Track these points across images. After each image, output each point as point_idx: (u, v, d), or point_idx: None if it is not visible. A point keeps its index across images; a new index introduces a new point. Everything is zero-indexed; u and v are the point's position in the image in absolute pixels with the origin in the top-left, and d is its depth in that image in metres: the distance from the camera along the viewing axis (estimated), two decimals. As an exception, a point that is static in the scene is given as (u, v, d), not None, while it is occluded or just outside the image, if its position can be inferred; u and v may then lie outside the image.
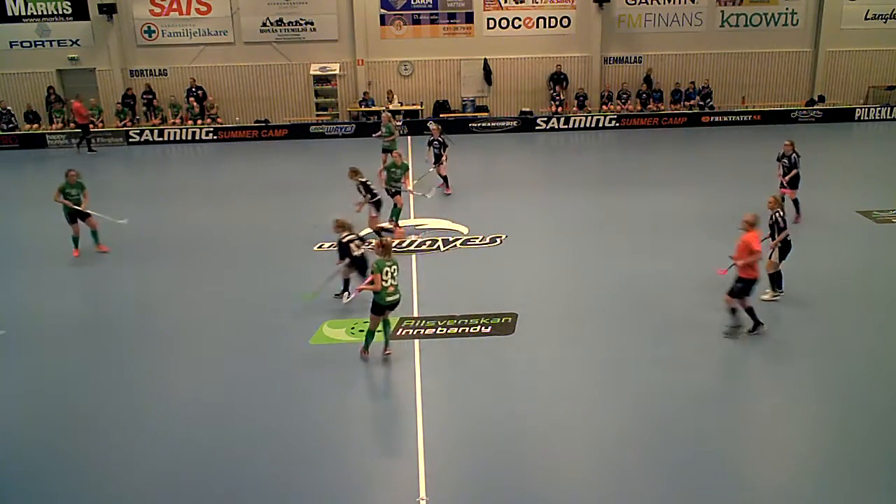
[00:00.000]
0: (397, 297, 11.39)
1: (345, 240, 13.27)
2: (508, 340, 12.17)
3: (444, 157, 20.23)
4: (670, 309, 13.10)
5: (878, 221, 17.35)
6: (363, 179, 16.79)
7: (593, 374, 11.17)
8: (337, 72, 29.88)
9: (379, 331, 11.62)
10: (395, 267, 11.28)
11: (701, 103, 30.33)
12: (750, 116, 29.97)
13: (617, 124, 29.66)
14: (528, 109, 30.20)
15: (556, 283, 14.46)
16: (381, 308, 11.31)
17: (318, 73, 29.85)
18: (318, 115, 30.20)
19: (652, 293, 13.76)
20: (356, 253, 13.25)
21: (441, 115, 29.48)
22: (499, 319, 12.70)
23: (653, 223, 17.64)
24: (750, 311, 11.86)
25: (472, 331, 12.40)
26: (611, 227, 17.54)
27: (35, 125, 29.45)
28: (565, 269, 15.19)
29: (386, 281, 11.13)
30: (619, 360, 11.50)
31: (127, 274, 15.72)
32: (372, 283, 11.20)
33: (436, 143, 20.33)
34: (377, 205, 16.87)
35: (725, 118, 29.88)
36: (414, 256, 15.91)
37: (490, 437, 9.69)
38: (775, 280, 13.26)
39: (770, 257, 13.11)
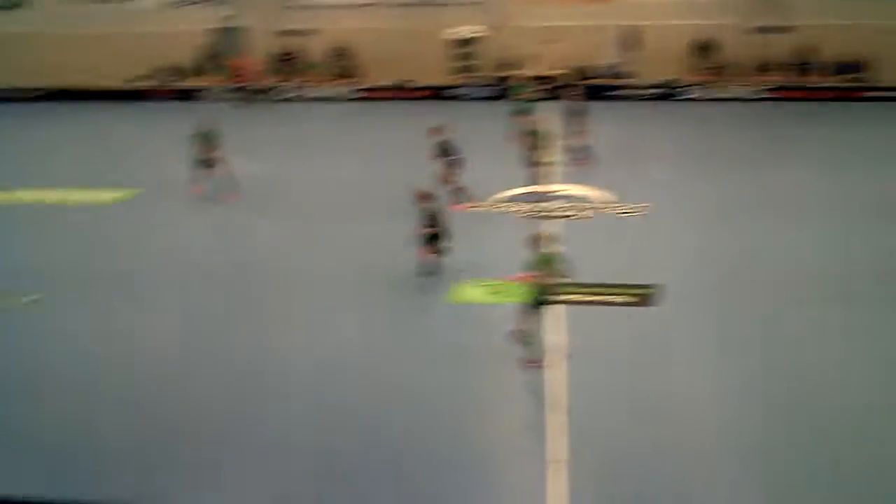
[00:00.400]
0: (554, 293, 10.70)
1: (433, 208, 13.09)
2: (649, 312, 12.00)
3: (582, 127, 19.80)
4: (830, 298, 12.41)
5: None
6: (445, 138, 16.89)
7: (734, 354, 10.84)
8: (479, 35, 29.83)
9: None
10: (558, 258, 10.59)
11: (858, 76, 28.46)
12: (914, 92, 27.87)
13: (766, 96, 28.27)
14: (671, 78, 29.22)
15: (702, 259, 14.09)
16: (538, 304, 10.46)
17: (460, 35, 29.91)
18: (457, 78, 30.28)
19: (809, 280, 13.11)
20: (440, 225, 13.07)
21: (581, 82, 28.95)
22: (640, 290, 12.52)
23: (813, 203, 16.73)
24: None
25: (612, 299, 12.30)
26: (764, 206, 16.69)
27: (191, 80, 31.04)
28: (713, 245, 14.73)
29: (549, 275, 10.38)
30: (762, 343, 11.12)
31: (265, 225, 16.62)
32: (532, 277, 10.40)
33: (572, 110, 19.90)
34: (453, 164, 16.90)
35: (886, 94, 27.89)
36: (555, 222, 15.84)
37: (626, 406, 9.67)
38: None
39: None
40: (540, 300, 10.38)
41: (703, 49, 29.06)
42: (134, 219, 17.41)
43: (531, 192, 17.28)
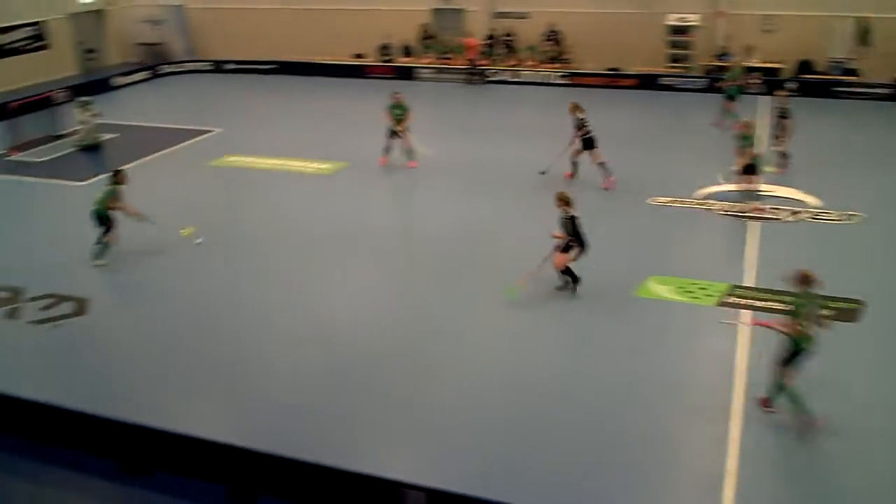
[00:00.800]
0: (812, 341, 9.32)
1: (570, 215, 12.47)
2: (849, 328, 11.54)
3: (787, 128, 18.58)
4: None
5: None
6: (581, 116, 17.41)
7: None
8: (695, 23, 29.06)
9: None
10: (819, 300, 9.31)
11: None
12: None
13: None
14: (905, 77, 26.98)
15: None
16: (797, 356, 9.25)
17: (675, 23, 29.27)
18: (670, 67, 29.69)
19: None
20: (575, 235, 12.46)
21: (800, 76, 27.52)
22: (841, 304, 12.01)
23: None
24: None
25: (809, 311, 11.89)
26: None
27: (409, 58, 32.55)
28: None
29: (805, 324, 9.17)
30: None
31: (458, 200, 17.59)
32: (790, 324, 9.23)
33: (781, 109, 18.84)
34: (587, 143, 17.39)
35: None
36: (755, 224, 15.49)
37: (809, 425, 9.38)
38: None
39: None
40: (798, 350, 9.22)
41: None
42: (336, 187, 18.82)
43: (736, 190, 16.87)
